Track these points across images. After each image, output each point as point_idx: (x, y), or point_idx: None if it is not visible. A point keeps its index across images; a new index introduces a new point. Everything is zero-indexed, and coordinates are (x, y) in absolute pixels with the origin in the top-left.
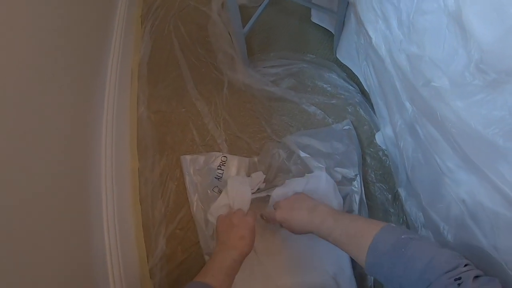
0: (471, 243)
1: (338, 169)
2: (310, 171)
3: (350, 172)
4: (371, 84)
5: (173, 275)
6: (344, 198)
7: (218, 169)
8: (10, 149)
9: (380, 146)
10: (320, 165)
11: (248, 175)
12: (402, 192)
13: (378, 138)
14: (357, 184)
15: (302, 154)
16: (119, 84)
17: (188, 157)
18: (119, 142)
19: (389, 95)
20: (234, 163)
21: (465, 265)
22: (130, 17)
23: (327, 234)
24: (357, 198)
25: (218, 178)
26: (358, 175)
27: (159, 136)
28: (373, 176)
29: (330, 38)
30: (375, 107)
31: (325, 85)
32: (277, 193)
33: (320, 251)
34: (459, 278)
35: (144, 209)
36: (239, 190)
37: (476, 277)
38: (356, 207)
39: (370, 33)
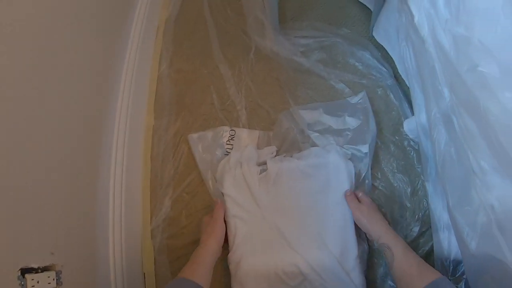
0: (495, 255)
1: (347, 146)
2: None
3: (360, 150)
4: (409, 67)
5: (174, 239)
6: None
7: (227, 144)
8: (28, 100)
9: (406, 135)
10: (331, 141)
11: (261, 149)
12: (429, 187)
13: (407, 126)
14: (365, 161)
15: (310, 132)
16: (144, 38)
17: (195, 135)
18: (137, 97)
19: (427, 80)
20: (243, 136)
21: None
22: None
23: (400, 246)
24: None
25: (228, 154)
26: (368, 154)
27: (178, 95)
28: (394, 165)
29: (367, 15)
30: (411, 92)
31: (356, 63)
32: (271, 163)
33: (326, 230)
34: None
35: (153, 168)
36: (244, 149)
37: None
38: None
39: (413, 10)
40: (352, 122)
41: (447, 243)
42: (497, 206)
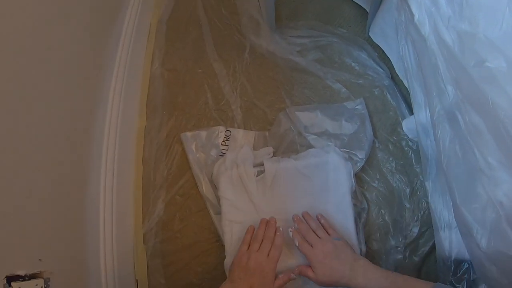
0: (506, 252)
1: (344, 149)
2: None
3: (356, 155)
4: (408, 65)
5: (167, 244)
6: None
7: (222, 145)
8: (14, 103)
9: (404, 135)
10: (329, 143)
11: (257, 150)
12: (428, 186)
13: (406, 126)
14: (359, 166)
15: (307, 135)
16: (135, 38)
17: (188, 133)
18: (128, 97)
19: (429, 78)
20: (238, 137)
21: None
22: None
23: None
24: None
25: (223, 155)
26: (364, 159)
27: (171, 95)
28: (393, 165)
29: (363, 16)
30: (410, 91)
31: (353, 63)
32: (269, 164)
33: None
34: None
35: (146, 170)
36: (240, 150)
37: None
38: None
39: (413, 9)
40: (348, 127)
41: (448, 242)
42: (505, 201)
